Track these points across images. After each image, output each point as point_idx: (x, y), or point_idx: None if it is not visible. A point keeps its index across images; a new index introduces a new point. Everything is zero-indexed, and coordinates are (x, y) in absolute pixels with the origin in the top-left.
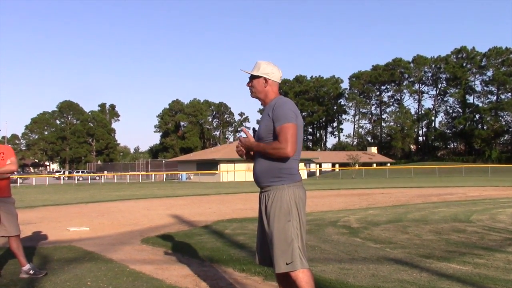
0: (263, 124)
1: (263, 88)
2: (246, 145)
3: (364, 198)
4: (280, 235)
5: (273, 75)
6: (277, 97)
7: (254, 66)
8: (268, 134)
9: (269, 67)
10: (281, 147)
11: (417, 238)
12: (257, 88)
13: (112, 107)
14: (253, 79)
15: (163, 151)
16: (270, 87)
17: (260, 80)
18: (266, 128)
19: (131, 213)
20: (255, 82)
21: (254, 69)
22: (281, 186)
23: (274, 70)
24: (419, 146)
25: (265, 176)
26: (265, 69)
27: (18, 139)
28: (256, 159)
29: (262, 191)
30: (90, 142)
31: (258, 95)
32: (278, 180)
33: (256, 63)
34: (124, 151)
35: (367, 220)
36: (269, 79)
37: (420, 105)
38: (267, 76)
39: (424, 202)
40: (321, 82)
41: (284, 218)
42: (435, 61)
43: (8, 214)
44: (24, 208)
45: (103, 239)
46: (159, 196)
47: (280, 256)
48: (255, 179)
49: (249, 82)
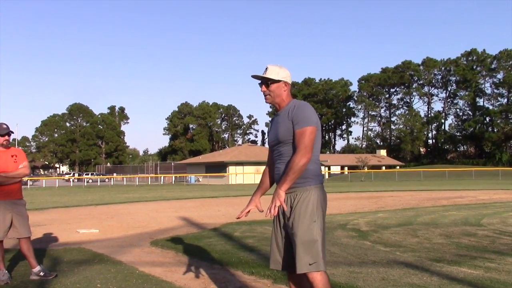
0: (284, 127)
1: (282, 92)
2: (280, 200)
3: (374, 201)
4: (304, 235)
5: (289, 79)
6: (292, 100)
7: (268, 70)
8: (289, 137)
9: (285, 71)
10: (302, 154)
11: (427, 242)
12: (276, 92)
13: (122, 109)
14: (272, 84)
15: (172, 154)
16: (287, 91)
17: (281, 84)
18: (287, 130)
19: (140, 216)
20: (274, 87)
21: (270, 74)
22: (308, 187)
23: (288, 73)
24: (428, 149)
25: None
26: (283, 73)
27: (28, 141)
28: (277, 161)
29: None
30: (100, 145)
31: (275, 100)
32: (304, 181)
33: (268, 67)
34: (133, 153)
35: (377, 223)
36: (288, 83)
37: (430, 107)
38: (286, 80)
39: (434, 206)
40: (330, 84)
41: (310, 218)
42: (445, 64)
43: (20, 216)
44: (34, 210)
45: (113, 241)
46: (168, 198)
47: (303, 257)
48: (278, 181)
49: (265, 87)
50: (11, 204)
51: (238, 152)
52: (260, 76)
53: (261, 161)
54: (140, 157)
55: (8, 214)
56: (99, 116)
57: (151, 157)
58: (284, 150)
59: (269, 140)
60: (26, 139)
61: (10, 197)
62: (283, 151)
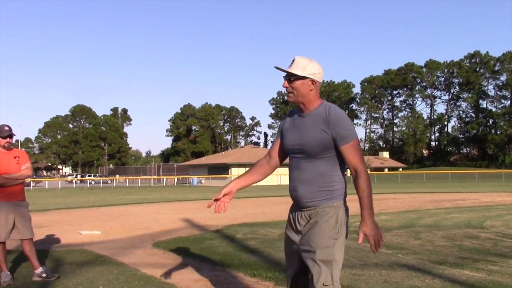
0: (317, 138)
1: (308, 91)
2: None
3: (376, 203)
4: (322, 253)
5: (319, 76)
6: (322, 102)
7: (294, 63)
8: (324, 151)
9: (315, 66)
10: (366, 173)
11: (429, 244)
12: (301, 91)
13: (124, 111)
14: (296, 80)
15: (174, 155)
16: (315, 90)
17: (306, 82)
18: (321, 142)
19: (142, 217)
20: (298, 84)
21: (296, 68)
22: (332, 204)
23: (320, 69)
24: (431, 151)
25: (313, 197)
26: (311, 69)
27: (31, 142)
28: (296, 172)
29: (301, 210)
30: (102, 146)
31: (300, 100)
32: (329, 198)
33: (295, 59)
34: (136, 155)
35: (379, 225)
36: (316, 81)
37: (433, 109)
38: (314, 78)
39: (437, 208)
40: (332, 86)
41: (330, 232)
42: (448, 66)
43: (22, 218)
44: (37, 212)
45: (115, 243)
46: (171, 200)
47: (318, 276)
48: (298, 199)
49: (289, 83)
50: (13, 206)
51: (240, 154)
52: (280, 68)
53: None
54: (143, 158)
55: (10, 216)
56: (102, 117)
57: (154, 158)
58: (308, 166)
59: (289, 145)
60: (29, 141)
61: (13, 199)
62: (306, 167)
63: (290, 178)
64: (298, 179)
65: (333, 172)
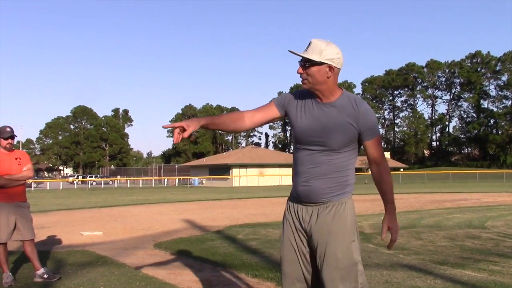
0: (342, 131)
1: (325, 79)
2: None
3: (377, 203)
4: (344, 257)
5: (338, 61)
6: (343, 92)
7: (310, 47)
8: (346, 146)
9: (334, 50)
10: (387, 166)
11: (431, 244)
12: (317, 78)
13: (126, 112)
14: (312, 66)
15: (175, 156)
16: (334, 78)
17: (323, 68)
18: (346, 136)
19: (143, 218)
20: (314, 70)
21: (311, 52)
22: (343, 199)
23: (339, 54)
24: (432, 151)
25: (327, 191)
26: (329, 53)
27: (32, 143)
28: (309, 166)
29: (309, 205)
30: (104, 147)
31: (316, 87)
32: (341, 193)
33: (311, 43)
34: (137, 155)
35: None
36: (335, 67)
37: (434, 110)
38: (333, 63)
39: (438, 208)
40: None
41: (349, 237)
42: (449, 66)
43: (23, 219)
44: (38, 213)
45: (116, 244)
46: (172, 200)
47: (340, 282)
48: (305, 195)
49: (303, 69)
50: (15, 207)
51: (242, 155)
52: (294, 53)
53: (265, 164)
54: (144, 159)
55: (12, 217)
56: (103, 118)
57: (155, 159)
58: (325, 160)
59: (304, 135)
60: (31, 142)
61: (14, 200)
62: (323, 160)
63: (299, 170)
64: (312, 172)
65: (349, 167)
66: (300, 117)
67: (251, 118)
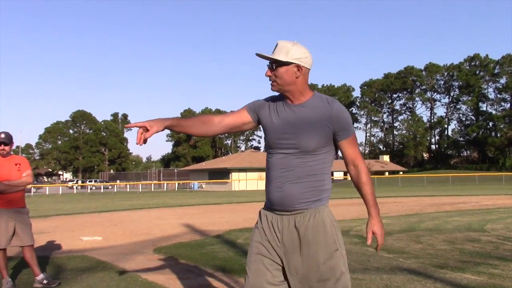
0: (315, 132)
1: (294, 79)
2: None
3: None
4: (327, 269)
5: (306, 61)
6: (314, 93)
7: (276, 48)
8: (320, 147)
9: (300, 49)
10: (366, 167)
11: (430, 248)
12: (286, 79)
13: (125, 116)
14: (279, 66)
15: (175, 160)
16: (303, 78)
17: (291, 68)
18: (320, 139)
19: (143, 223)
20: (282, 71)
21: (278, 53)
22: (321, 207)
23: (306, 53)
24: (431, 154)
25: (302, 198)
26: (296, 53)
27: (32, 148)
28: (281, 170)
29: (284, 214)
30: (103, 151)
31: (285, 88)
32: (317, 200)
33: (278, 44)
34: (136, 160)
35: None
36: (303, 66)
37: (433, 113)
38: (300, 63)
39: (437, 211)
40: (332, 90)
41: (331, 246)
42: (447, 69)
43: (23, 224)
44: (37, 218)
45: (116, 249)
46: (171, 205)
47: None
48: (279, 202)
49: (271, 71)
50: (14, 213)
51: (241, 159)
52: (262, 55)
53: (264, 168)
54: (143, 163)
55: (11, 222)
56: (102, 123)
57: (154, 163)
58: (299, 163)
59: (277, 139)
60: (30, 146)
61: (13, 206)
62: (296, 164)
63: (272, 176)
64: (285, 177)
65: (324, 170)
66: (271, 120)
67: (221, 122)
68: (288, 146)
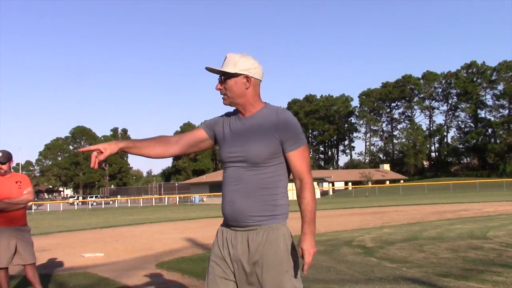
0: (261, 141)
1: (244, 91)
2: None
3: (378, 216)
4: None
5: (255, 72)
6: (266, 104)
7: (225, 60)
8: (269, 159)
9: (249, 60)
10: (311, 184)
11: (433, 257)
12: (235, 91)
13: (124, 131)
14: (228, 79)
15: (175, 174)
16: (253, 89)
17: (239, 79)
18: (267, 150)
19: (145, 238)
20: (231, 83)
21: (227, 65)
22: (275, 225)
23: (255, 64)
24: (432, 162)
25: (254, 213)
26: (244, 64)
27: (32, 165)
28: (230, 185)
29: (237, 229)
30: (103, 167)
31: (236, 101)
32: (271, 217)
33: (226, 56)
34: (137, 174)
35: (382, 239)
36: (252, 77)
37: (432, 120)
38: (249, 73)
39: (439, 219)
40: (331, 100)
41: (281, 268)
42: (445, 77)
43: (24, 242)
44: (39, 235)
45: (118, 265)
46: (173, 219)
47: None
48: (231, 216)
49: (222, 84)
50: (15, 231)
51: None
52: (210, 68)
53: None
54: (144, 178)
55: (12, 241)
56: (102, 138)
57: (155, 178)
58: (249, 176)
59: (226, 154)
60: (30, 163)
61: (14, 224)
62: (247, 177)
63: (225, 190)
64: (236, 191)
65: (278, 184)
66: (223, 135)
67: (178, 141)
68: (238, 159)
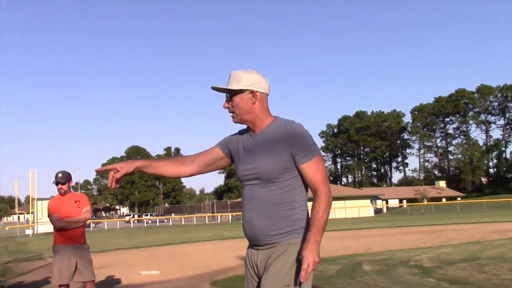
0: (271, 159)
1: (251, 106)
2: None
3: (435, 235)
4: None
5: (260, 86)
6: (275, 118)
7: (230, 78)
8: (282, 174)
9: (253, 76)
10: (327, 194)
11: (495, 278)
12: (242, 107)
13: (177, 150)
14: (234, 96)
15: (227, 192)
16: (260, 103)
17: (245, 95)
18: (277, 164)
19: (199, 256)
20: (237, 100)
21: (231, 82)
22: (292, 239)
23: (259, 78)
24: (490, 178)
25: (273, 230)
26: (248, 80)
27: (90, 184)
28: (247, 204)
29: (259, 249)
30: (158, 186)
31: (245, 118)
32: (290, 232)
33: (231, 74)
34: (190, 193)
35: (440, 259)
36: (257, 92)
37: (488, 135)
38: (254, 88)
39: (501, 238)
40: (382, 117)
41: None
42: (501, 90)
43: (84, 260)
44: (97, 253)
45: (173, 283)
46: (226, 237)
47: None
48: (251, 235)
49: (229, 102)
50: (75, 249)
51: None
52: (217, 88)
53: None
54: (197, 196)
55: (73, 259)
56: (156, 157)
57: (208, 196)
58: (263, 193)
59: (241, 172)
60: (88, 183)
61: (74, 242)
62: (261, 194)
63: (243, 209)
64: (252, 209)
65: (294, 198)
66: (238, 153)
67: (194, 161)
68: (251, 176)
